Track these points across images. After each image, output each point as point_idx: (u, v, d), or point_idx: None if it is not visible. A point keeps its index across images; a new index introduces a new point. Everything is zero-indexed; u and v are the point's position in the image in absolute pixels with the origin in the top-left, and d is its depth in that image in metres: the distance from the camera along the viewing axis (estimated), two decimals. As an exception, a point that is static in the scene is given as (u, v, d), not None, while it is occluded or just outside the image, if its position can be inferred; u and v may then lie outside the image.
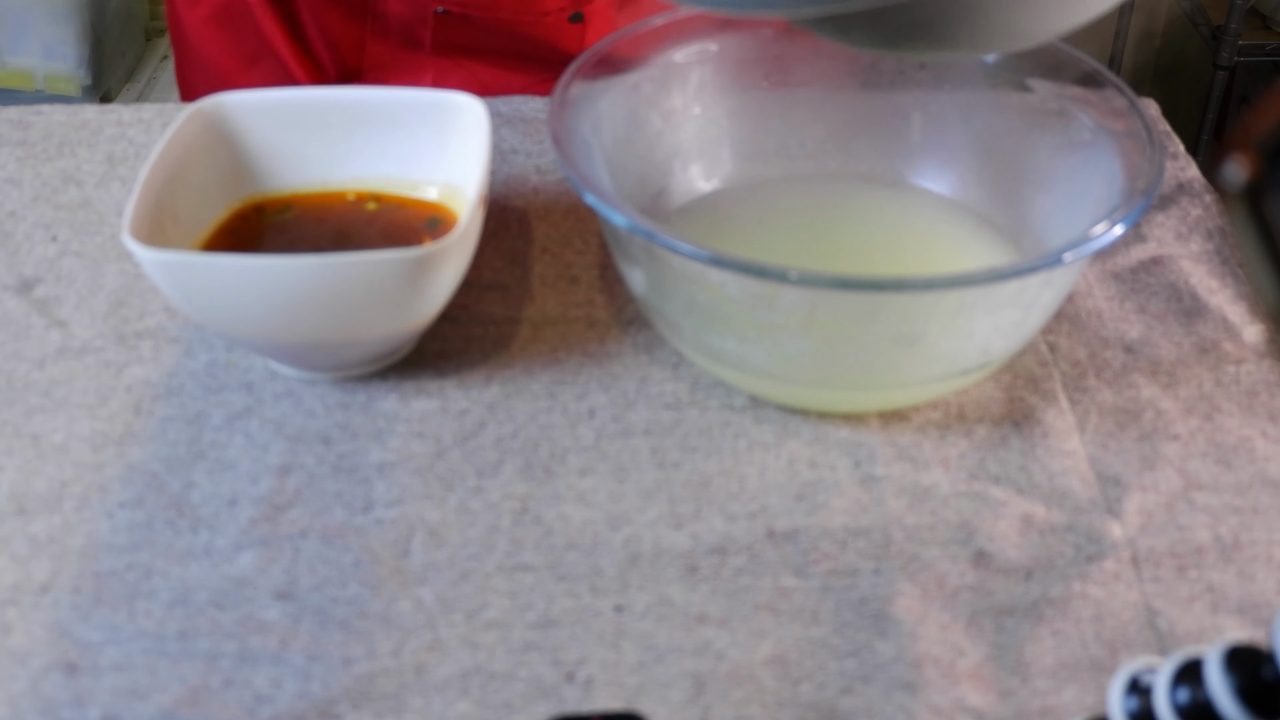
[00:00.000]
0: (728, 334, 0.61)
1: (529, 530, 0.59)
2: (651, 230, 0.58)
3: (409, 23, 0.89)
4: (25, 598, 0.55)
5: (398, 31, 0.90)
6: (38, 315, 0.68)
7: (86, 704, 0.52)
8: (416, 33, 0.89)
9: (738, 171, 0.75)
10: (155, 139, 0.79)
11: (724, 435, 0.63)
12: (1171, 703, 0.41)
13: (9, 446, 0.62)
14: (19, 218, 0.75)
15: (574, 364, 0.67)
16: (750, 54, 0.75)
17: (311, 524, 0.59)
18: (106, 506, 0.59)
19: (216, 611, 0.55)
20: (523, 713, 0.52)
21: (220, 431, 0.63)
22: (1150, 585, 0.57)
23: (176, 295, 0.61)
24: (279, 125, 0.70)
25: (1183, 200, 0.78)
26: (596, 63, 0.69)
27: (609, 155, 0.68)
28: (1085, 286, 0.72)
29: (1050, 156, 0.70)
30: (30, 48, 1.97)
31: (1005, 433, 0.64)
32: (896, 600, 0.56)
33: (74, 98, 2.00)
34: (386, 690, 0.52)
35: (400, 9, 0.89)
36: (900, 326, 0.60)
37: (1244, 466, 0.62)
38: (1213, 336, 0.69)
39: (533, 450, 0.62)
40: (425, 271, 0.60)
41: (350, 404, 0.64)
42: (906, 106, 0.75)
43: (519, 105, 0.84)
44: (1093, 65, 0.69)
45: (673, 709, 0.52)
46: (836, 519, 0.59)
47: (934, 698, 0.53)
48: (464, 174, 0.68)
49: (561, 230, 0.75)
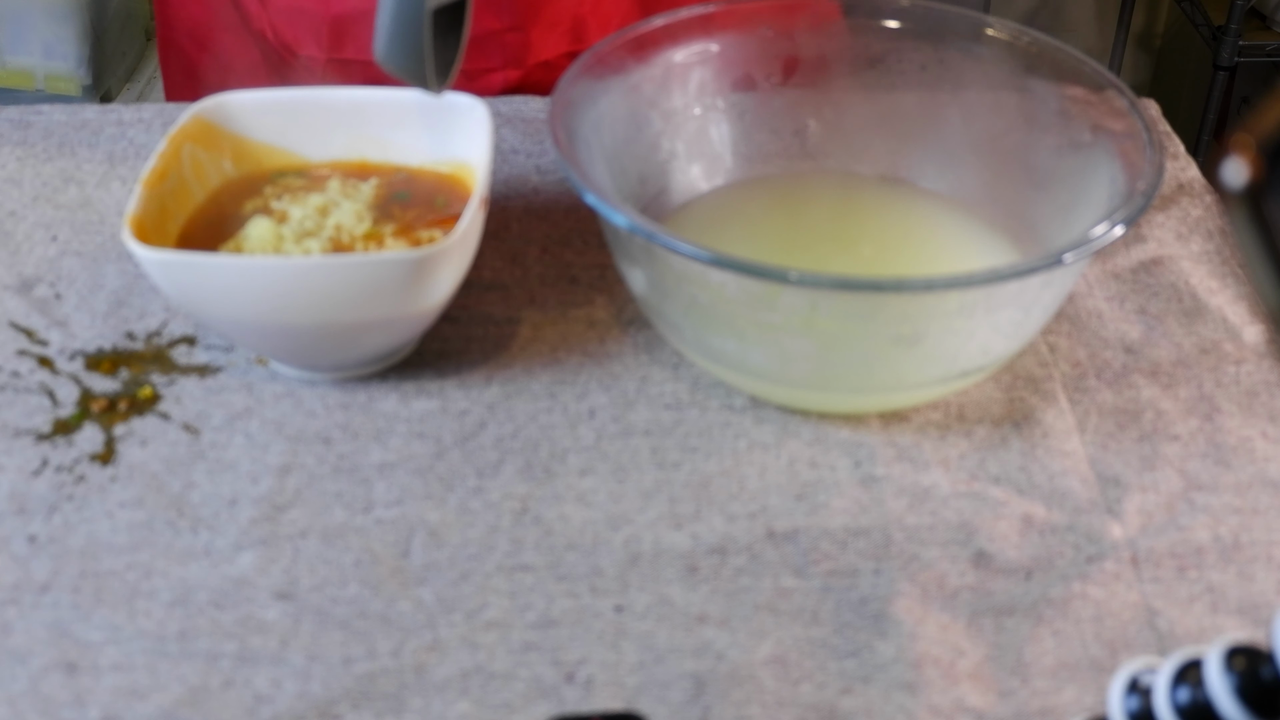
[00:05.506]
0: (728, 334, 0.61)
1: (529, 530, 0.59)
2: (651, 230, 0.58)
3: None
4: (25, 598, 0.55)
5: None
6: (38, 315, 0.68)
7: (86, 704, 0.52)
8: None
9: (738, 171, 0.75)
10: (155, 139, 0.79)
11: (724, 435, 0.63)
12: (1171, 703, 0.41)
13: (9, 446, 0.62)
14: (19, 218, 0.75)
15: (574, 364, 0.67)
16: (750, 54, 0.75)
17: (311, 524, 0.59)
18: (106, 506, 0.59)
19: (216, 611, 0.55)
20: (523, 713, 0.52)
21: (220, 431, 0.63)
22: (1150, 585, 0.57)
23: (176, 295, 0.61)
24: (279, 125, 0.70)
25: (1183, 201, 0.78)
26: (596, 63, 0.69)
27: (609, 155, 0.68)
28: (1085, 287, 0.72)
29: (1050, 156, 0.70)
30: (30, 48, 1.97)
31: (1005, 433, 0.64)
32: (896, 600, 0.56)
33: (74, 98, 2.00)
34: (386, 690, 0.52)
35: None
36: (900, 327, 0.60)
37: (1244, 467, 0.62)
38: (1213, 337, 0.69)
39: (533, 450, 0.62)
40: (425, 271, 0.60)
41: (350, 404, 0.64)
42: (906, 106, 0.75)
43: (519, 105, 0.84)
44: (1093, 65, 0.69)
45: (673, 709, 0.52)
46: (836, 519, 0.59)
47: (934, 698, 0.53)
48: (465, 174, 0.69)
49: (561, 230, 0.75)
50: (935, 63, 0.74)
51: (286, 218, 0.64)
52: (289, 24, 0.89)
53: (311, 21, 0.88)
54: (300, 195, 0.66)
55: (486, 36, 0.87)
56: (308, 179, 0.69)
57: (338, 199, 0.66)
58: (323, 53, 0.89)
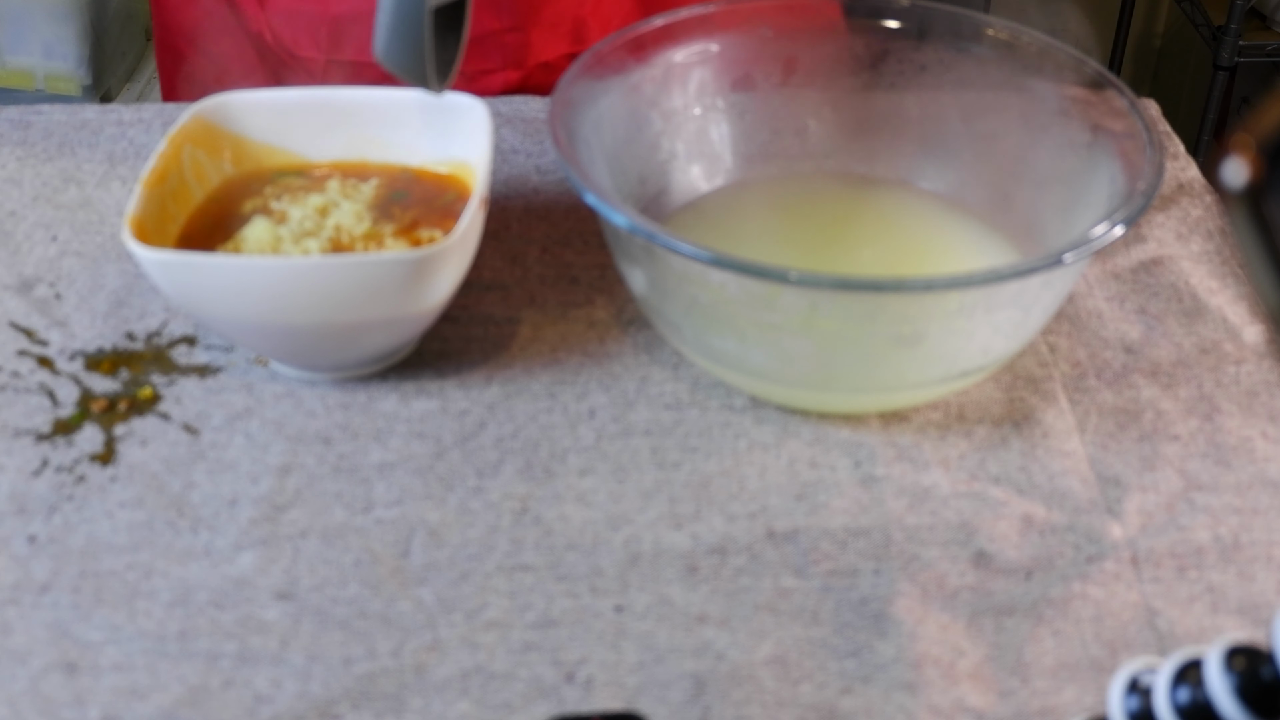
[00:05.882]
0: (728, 334, 0.61)
1: (529, 530, 0.59)
2: (651, 230, 0.58)
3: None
4: (25, 598, 0.55)
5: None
6: (38, 315, 0.68)
7: (86, 704, 0.52)
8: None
9: (738, 171, 0.75)
10: (155, 139, 0.79)
11: (724, 435, 0.63)
12: (1171, 703, 0.41)
13: (9, 446, 0.62)
14: (19, 218, 0.75)
15: (574, 364, 0.67)
16: (750, 54, 0.75)
17: (311, 524, 0.59)
18: (106, 506, 0.59)
19: (216, 611, 0.55)
20: (523, 713, 0.52)
21: (220, 432, 0.63)
22: (1150, 585, 0.57)
23: (176, 295, 0.61)
24: (280, 125, 0.70)
25: (1183, 201, 0.78)
26: (596, 63, 0.69)
27: (609, 155, 0.68)
28: (1085, 287, 0.72)
29: (1050, 156, 0.70)
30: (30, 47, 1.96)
31: (1005, 433, 0.64)
32: (896, 600, 0.56)
33: (74, 98, 2.00)
34: (386, 690, 0.52)
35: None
36: (900, 327, 0.60)
37: (1244, 467, 0.62)
38: (1213, 337, 0.69)
39: (533, 450, 0.62)
40: (425, 271, 0.60)
41: (350, 404, 0.64)
42: (906, 106, 0.75)
43: (519, 105, 0.84)
44: (1093, 66, 0.69)
45: (673, 709, 0.52)
46: (836, 519, 0.59)
47: (934, 698, 0.53)
48: (465, 174, 0.69)
49: (561, 230, 0.75)
50: (935, 63, 0.74)
51: (286, 218, 0.64)
52: (287, 25, 0.89)
53: (310, 22, 0.88)
54: (300, 195, 0.66)
55: (486, 37, 0.87)
56: (307, 179, 0.69)
57: (337, 199, 0.66)
58: (322, 54, 0.89)
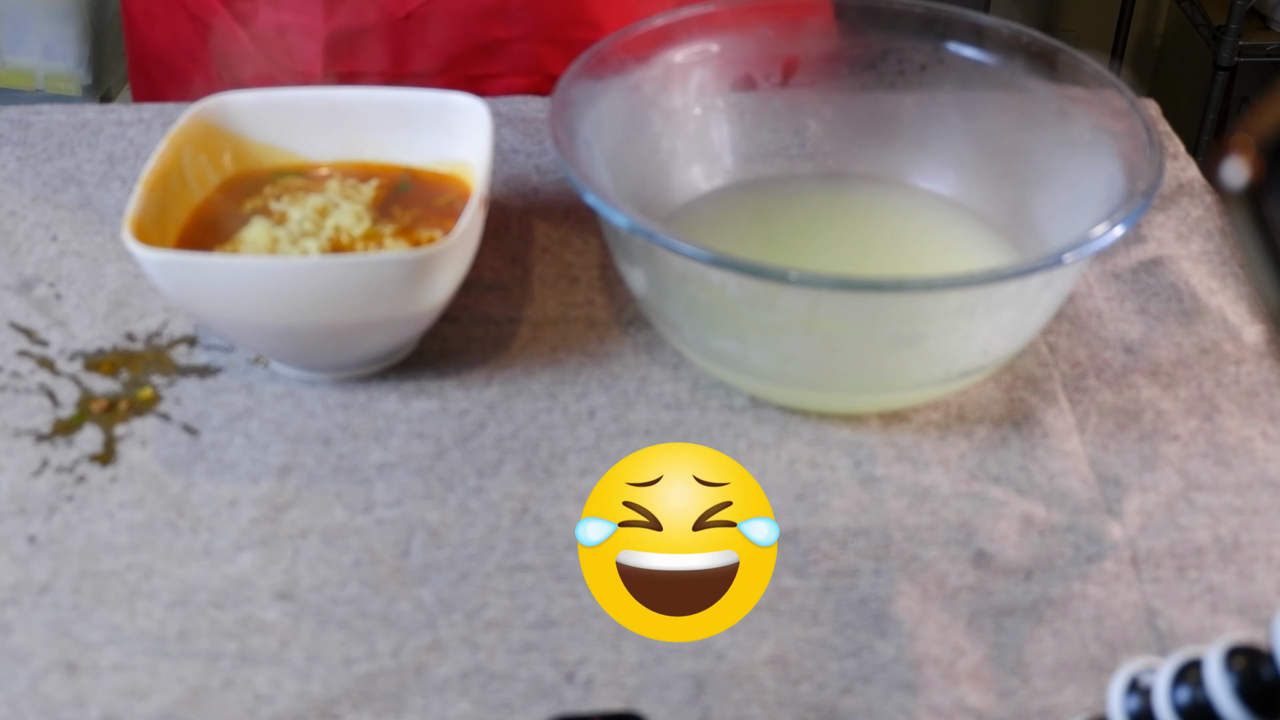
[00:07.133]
0: (728, 334, 0.61)
1: (529, 530, 0.59)
2: (651, 230, 0.58)
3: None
4: (25, 598, 0.55)
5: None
6: (38, 315, 0.68)
7: (86, 704, 0.52)
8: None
9: (738, 171, 0.75)
10: (155, 139, 0.79)
11: (724, 435, 0.63)
12: (1171, 703, 0.41)
13: (9, 446, 0.62)
14: (19, 218, 0.75)
15: (574, 364, 0.67)
16: (750, 54, 0.75)
17: (311, 524, 0.59)
18: (106, 507, 0.59)
19: (216, 611, 0.55)
20: (523, 713, 0.52)
21: (220, 432, 0.63)
22: (1150, 585, 0.57)
23: (176, 295, 0.61)
24: (279, 125, 0.70)
25: (1183, 201, 0.78)
26: (596, 63, 0.69)
27: (609, 155, 0.68)
28: (1085, 287, 0.72)
29: (1050, 156, 0.70)
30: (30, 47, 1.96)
31: (1005, 433, 0.64)
32: (896, 600, 0.56)
33: (74, 98, 2.00)
34: (386, 690, 0.52)
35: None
36: (900, 327, 0.60)
37: (1244, 467, 0.62)
38: (1213, 337, 0.69)
39: (533, 450, 0.62)
40: (425, 271, 0.60)
41: (350, 404, 0.64)
42: (906, 106, 0.75)
43: (519, 105, 0.84)
44: (1093, 65, 0.69)
45: (673, 709, 0.52)
46: (836, 519, 0.59)
47: (934, 698, 0.53)
48: (465, 174, 0.69)
49: (561, 230, 0.75)
50: (935, 63, 0.74)
51: (286, 219, 0.64)
52: (278, 41, 0.88)
53: (301, 37, 0.88)
54: (299, 196, 0.66)
55: (494, 44, 0.87)
56: (307, 179, 0.69)
57: (337, 200, 0.66)
58: (318, 68, 0.89)
